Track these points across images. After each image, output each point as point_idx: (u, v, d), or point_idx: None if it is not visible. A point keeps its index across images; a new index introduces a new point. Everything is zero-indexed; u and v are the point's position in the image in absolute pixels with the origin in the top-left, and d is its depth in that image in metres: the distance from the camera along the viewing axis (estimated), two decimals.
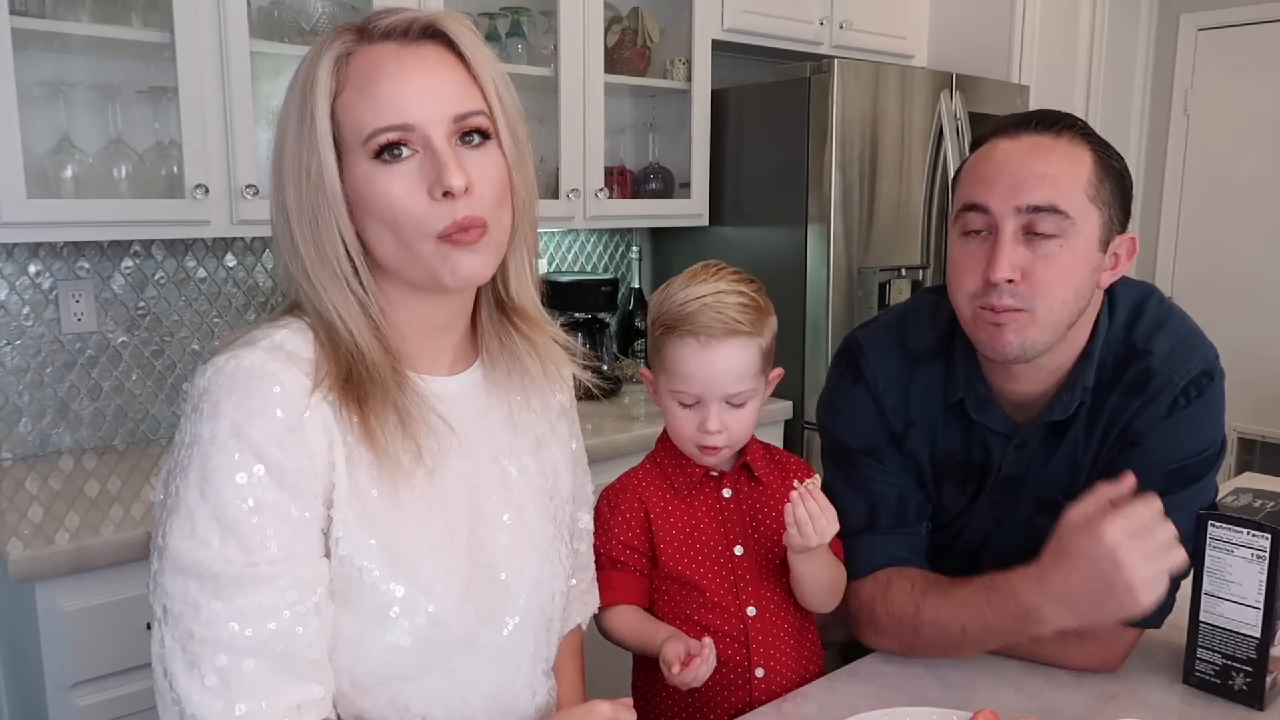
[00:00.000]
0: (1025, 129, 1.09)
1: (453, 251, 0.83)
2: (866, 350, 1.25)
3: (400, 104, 0.81)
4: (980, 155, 1.11)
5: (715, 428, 1.12)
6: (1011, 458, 1.20)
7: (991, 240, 1.07)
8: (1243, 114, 3.78)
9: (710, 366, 1.10)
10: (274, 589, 0.78)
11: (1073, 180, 1.06)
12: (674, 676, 1.05)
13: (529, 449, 1.00)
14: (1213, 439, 1.14)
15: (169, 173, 1.95)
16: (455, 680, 0.90)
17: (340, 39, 0.84)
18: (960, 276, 1.11)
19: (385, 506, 0.85)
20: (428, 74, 0.83)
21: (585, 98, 2.44)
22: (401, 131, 0.81)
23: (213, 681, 0.77)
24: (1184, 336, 1.16)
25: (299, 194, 0.83)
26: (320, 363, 0.84)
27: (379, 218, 0.83)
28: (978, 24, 3.16)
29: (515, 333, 0.97)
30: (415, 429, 0.86)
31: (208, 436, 0.78)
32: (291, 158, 0.83)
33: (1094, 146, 1.09)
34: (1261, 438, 3.81)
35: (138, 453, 2.02)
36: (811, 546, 1.07)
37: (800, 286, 2.57)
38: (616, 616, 1.17)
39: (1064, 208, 1.05)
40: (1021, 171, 1.06)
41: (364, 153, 0.82)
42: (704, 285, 1.12)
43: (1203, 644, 1.12)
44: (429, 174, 0.81)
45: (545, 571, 0.97)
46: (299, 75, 0.85)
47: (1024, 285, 1.06)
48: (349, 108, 0.82)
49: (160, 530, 0.80)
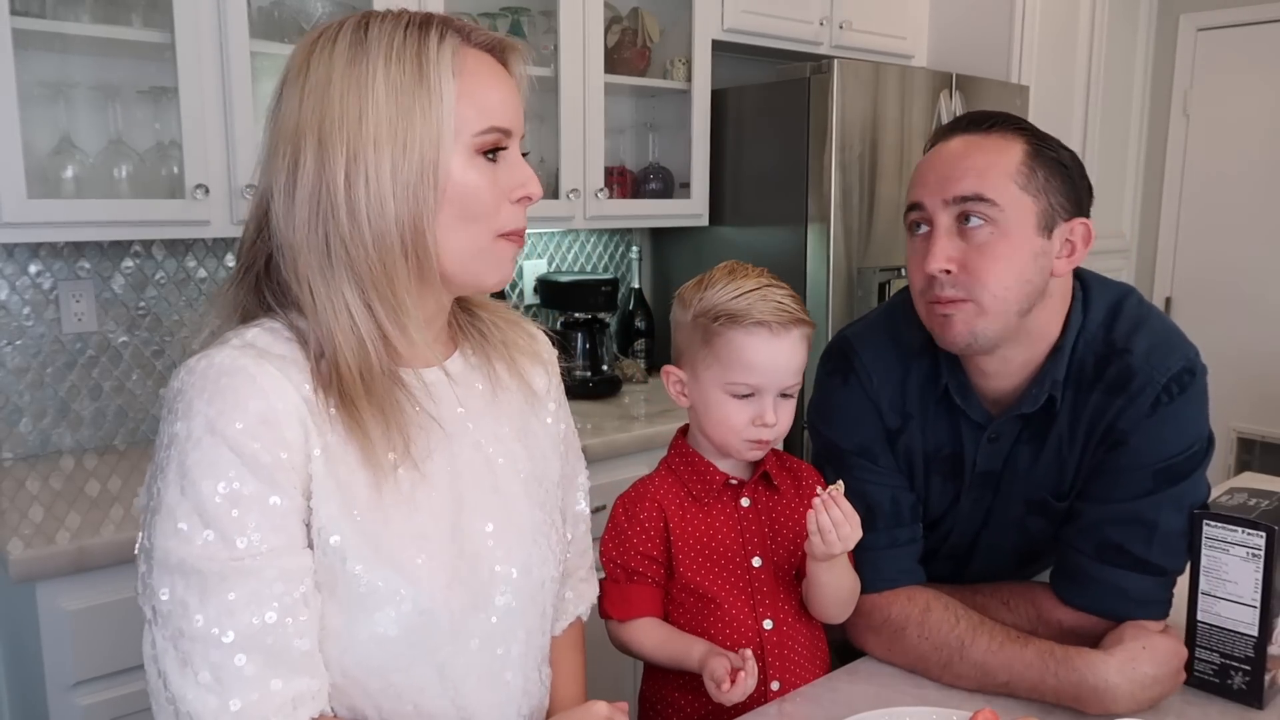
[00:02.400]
0: (959, 130, 1.15)
1: (505, 251, 0.90)
2: (858, 347, 1.25)
3: (504, 110, 0.88)
4: (921, 160, 1.18)
5: (773, 420, 1.12)
6: (986, 450, 1.21)
7: (929, 234, 1.13)
8: (1243, 114, 3.78)
9: (778, 356, 1.11)
10: (259, 581, 0.79)
11: (998, 169, 1.10)
12: (721, 695, 1.04)
13: (514, 435, 1.00)
14: (1199, 435, 1.14)
15: (169, 173, 1.95)
16: (445, 670, 0.90)
17: (449, 31, 0.86)
18: (911, 274, 1.17)
19: (367, 496, 0.85)
20: (513, 90, 0.90)
21: (585, 98, 2.44)
22: (503, 134, 0.87)
23: (206, 678, 0.77)
24: (1163, 335, 1.16)
25: (395, 170, 0.82)
26: (294, 357, 0.84)
27: (464, 208, 0.86)
28: (977, 24, 3.17)
29: (484, 323, 1.02)
30: (399, 419, 0.87)
31: (183, 435, 0.79)
32: (390, 128, 0.82)
33: (1028, 138, 1.13)
34: (1261, 438, 3.81)
35: (138, 453, 2.02)
36: (835, 554, 1.07)
37: (800, 286, 2.56)
38: (640, 630, 1.16)
39: (990, 195, 1.09)
40: (948, 168, 1.12)
41: (470, 145, 0.85)
42: (748, 280, 1.13)
43: (1201, 643, 1.12)
44: (513, 177, 0.89)
45: (534, 558, 0.97)
46: (391, 49, 0.83)
47: (962, 275, 1.10)
48: (462, 97, 0.85)
49: (145, 532, 0.81)
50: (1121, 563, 1.14)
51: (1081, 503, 1.18)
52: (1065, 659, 1.07)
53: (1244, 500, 1.13)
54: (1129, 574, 1.13)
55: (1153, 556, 1.13)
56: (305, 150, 0.83)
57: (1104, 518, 1.15)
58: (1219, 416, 1.10)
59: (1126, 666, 1.05)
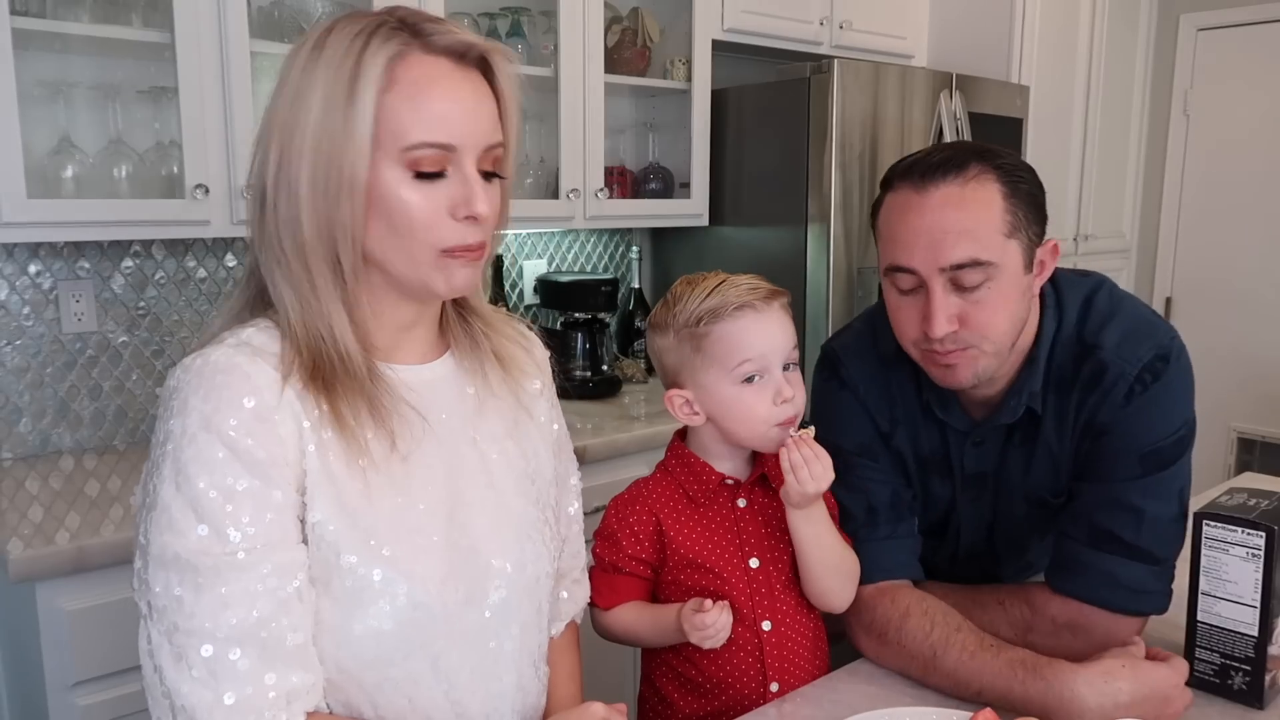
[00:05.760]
0: (931, 178, 1.09)
1: (451, 264, 0.87)
2: (843, 358, 1.28)
3: (449, 124, 0.84)
4: (895, 213, 1.12)
5: (790, 392, 1.12)
6: (971, 454, 1.23)
7: (924, 295, 1.10)
8: (1243, 114, 3.78)
9: (770, 328, 1.12)
10: (253, 576, 0.80)
11: (987, 226, 1.07)
12: (703, 634, 1.07)
13: (507, 433, 1.01)
14: (1181, 419, 1.14)
15: (169, 173, 1.95)
16: (439, 663, 0.91)
17: (395, 36, 0.83)
18: (901, 326, 1.15)
19: (360, 492, 0.86)
20: (475, 101, 0.86)
21: (585, 98, 2.44)
22: (444, 151, 0.84)
23: (200, 672, 0.78)
24: (1133, 326, 1.16)
25: (315, 178, 0.82)
26: (287, 355, 0.85)
27: (393, 223, 0.84)
28: (978, 24, 3.17)
29: (477, 329, 1.01)
30: (387, 416, 0.88)
31: (179, 432, 0.80)
32: (315, 139, 0.82)
33: (1000, 177, 1.09)
34: (1261, 438, 3.80)
35: (138, 453, 2.02)
36: (809, 493, 1.08)
37: (800, 286, 2.56)
38: (623, 612, 1.17)
39: (985, 258, 1.07)
40: (936, 232, 1.08)
41: (399, 159, 0.83)
42: (710, 280, 1.15)
43: (1201, 644, 1.12)
44: (455, 195, 0.85)
45: (528, 553, 0.98)
46: (336, 54, 0.82)
47: (963, 329, 1.09)
48: (395, 110, 0.82)
49: (141, 529, 0.82)
50: (1113, 549, 1.13)
51: (1075, 489, 1.19)
52: (1035, 668, 1.05)
53: (1244, 500, 1.13)
54: (1120, 560, 1.13)
55: (1142, 542, 1.12)
56: (259, 153, 0.86)
57: (1095, 503, 1.15)
58: (1219, 416, 1.08)
59: (1098, 680, 1.02)
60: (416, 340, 0.95)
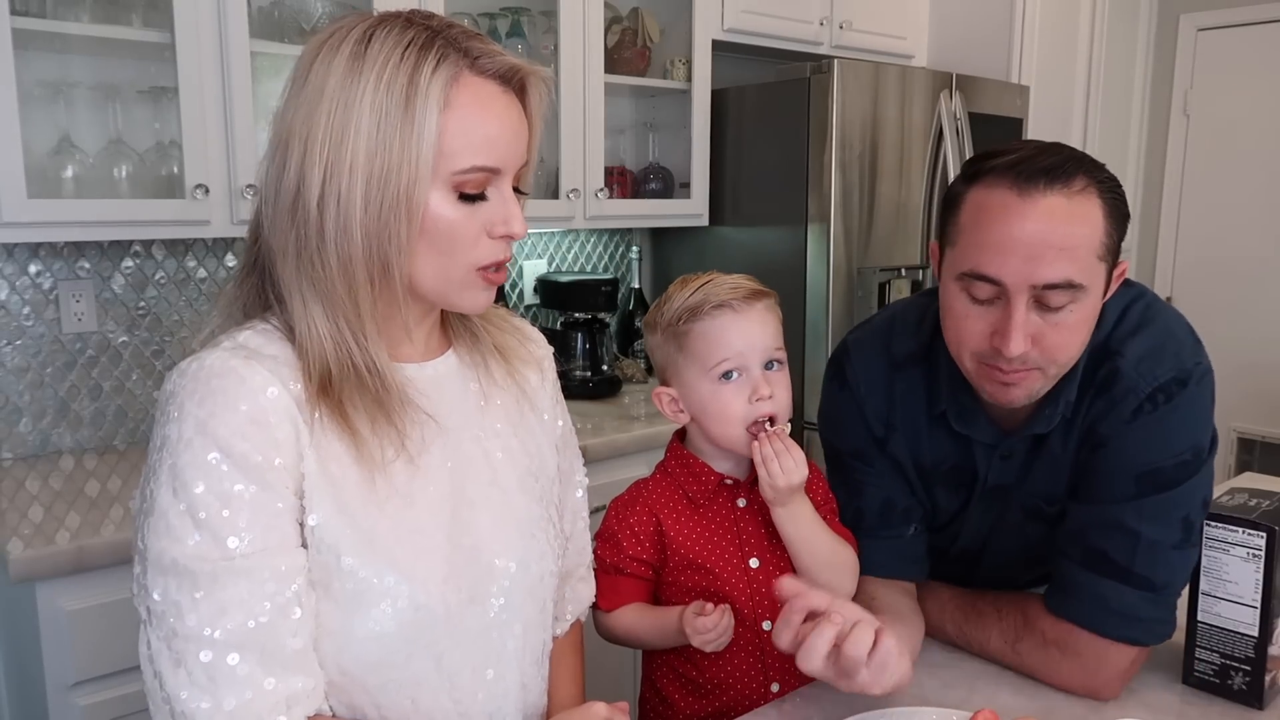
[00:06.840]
0: (1036, 184, 0.99)
1: (480, 282, 0.89)
2: (852, 354, 1.25)
3: (497, 148, 0.85)
4: (988, 214, 1.01)
5: (768, 391, 1.12)
6: (998, 467, 1.19)
7: (1002, 308, 1.02)
8: (1243, 114, 3.78)
9: (748, 328, 1.12)
10: (251, 581, 0.79)
11: (1087, 247, 1.00)
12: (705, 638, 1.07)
13: (510, 431, 1.00)
14: (1189, 443, 1.09)
15: (169, 173, 1.95)
16: (442, 664, 0.90)
17: (450, 57, 0.83)
18: (963, 335, 1.06)
19: (361, 493, 0.85)
20: (517, 125, 0.87)
21: (585, 98, 2.44)
22: (490, 174, 0.85)
23: (200, 678, 0.78)
24: (1159, 343, 1.11)
25: (369, 196, 0.81)
26: (286, 357, 0.85)
27: (435, 242, 0.85)
28: (978, 24, 3.17)
29: (476, 323, 1.02)
30: (393, 414, 0.87)
31: (175, 437, 0.80)
32: (368, 156, 0.81)
33: (1102, 191, 1.02)
34: (1261, 438, 3.81)
35: (138, 453, 2.02)
36: (781, 486, 1.08)
37: (800, 286, 2.57)
38: (624, 614, 1.17)
39: (1079, 280, 1.00)
40: (1038, 245, 0.98)
41: (447, 180, 0.83)
42: (699, 279, 1.15)
43: (1201, 644, 1.12)
44: (495, 215, 0.86)
45: (531, 552, 0.98)
46: (385, 68, 0.81)
47: (1035, 350, 1.02)
48: (449, 134, 0.82)
49: (140, 534, 0.82)
50: (1105, 571, 1.09)
51: (1070, 505, 1.16)
52: None
53: (1244, 500, 1.13)
54: (1111, 583, 1.09)
55: (1136, 567, 1.08)
56: (290, 159, 0.83)
57: (1088, 521, 1.12)
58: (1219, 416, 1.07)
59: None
60: (421, 338, 0.95)
